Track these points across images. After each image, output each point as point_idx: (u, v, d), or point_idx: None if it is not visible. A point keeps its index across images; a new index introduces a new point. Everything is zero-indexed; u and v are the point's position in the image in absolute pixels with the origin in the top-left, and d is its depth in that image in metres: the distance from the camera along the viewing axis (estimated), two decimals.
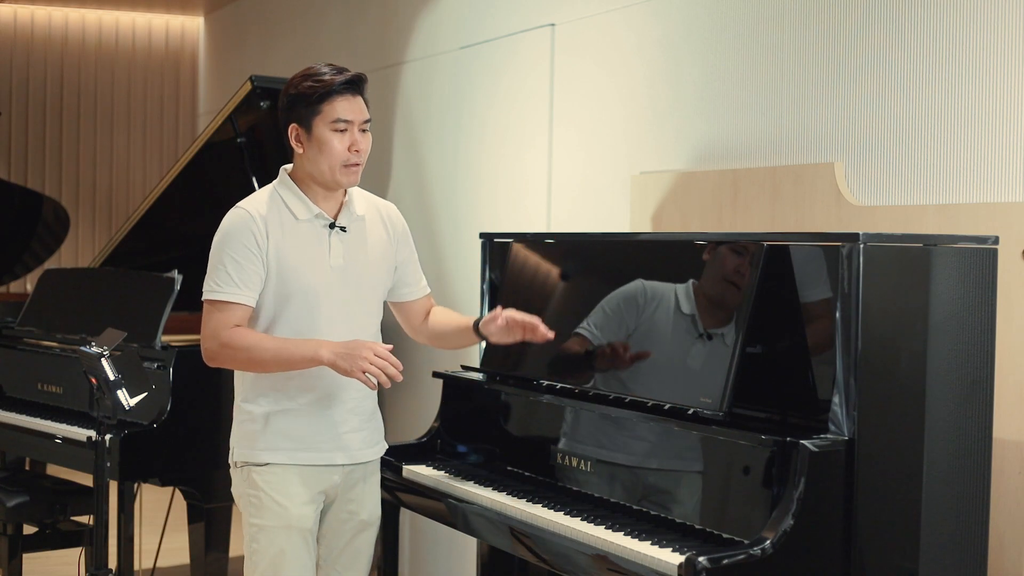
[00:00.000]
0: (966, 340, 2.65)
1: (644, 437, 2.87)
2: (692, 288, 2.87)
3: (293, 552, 2.96)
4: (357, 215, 3.03)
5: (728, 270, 2.80)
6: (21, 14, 8.58)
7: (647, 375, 2.91)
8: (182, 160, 4.85)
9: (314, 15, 6.46)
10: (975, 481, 2.68)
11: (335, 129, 2.91)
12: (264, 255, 2.92)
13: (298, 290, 2.94)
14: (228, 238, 2.94)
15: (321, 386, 2.98)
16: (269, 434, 2.98)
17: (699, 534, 2.65)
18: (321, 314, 2.96)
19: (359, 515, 3.09)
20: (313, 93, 2.91)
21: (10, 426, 4.67)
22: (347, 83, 2.93)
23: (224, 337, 2.90)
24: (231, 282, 2.91)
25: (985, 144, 2.95)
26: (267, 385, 2.99)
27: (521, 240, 3.49)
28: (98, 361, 3.18)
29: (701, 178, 3.69)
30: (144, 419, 4.19)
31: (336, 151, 2.92)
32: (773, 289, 2.69)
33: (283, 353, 2.88)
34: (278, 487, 2.97)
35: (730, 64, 3.68)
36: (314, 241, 2.97)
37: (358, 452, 3.06)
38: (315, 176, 2.96)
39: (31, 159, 8.61)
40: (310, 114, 2.92)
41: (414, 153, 5.32)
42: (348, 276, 2.99)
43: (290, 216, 2.96)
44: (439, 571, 5.02)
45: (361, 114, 2.95)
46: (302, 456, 2.98)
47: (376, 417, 3.14)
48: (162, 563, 5.15)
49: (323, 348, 2.85)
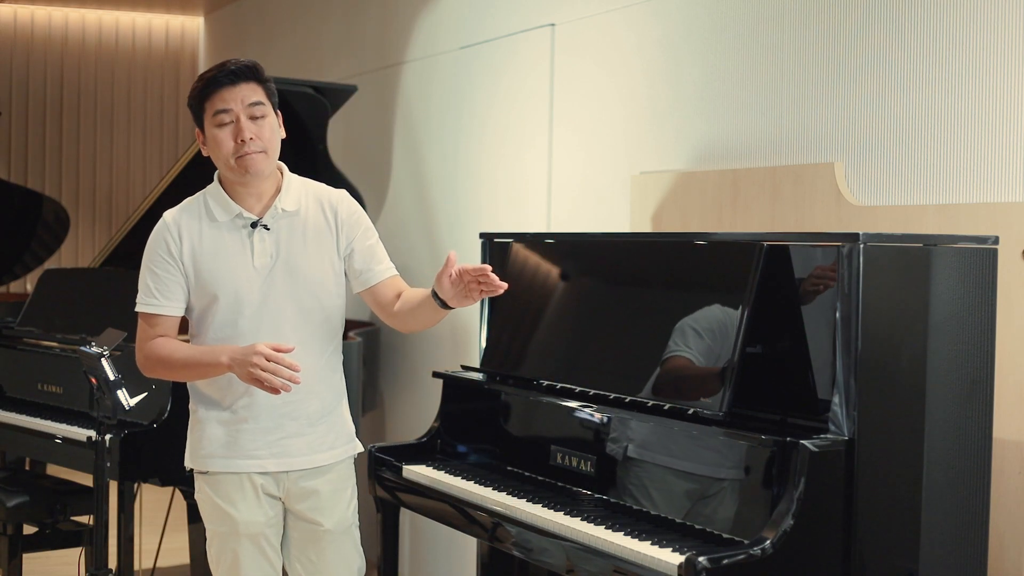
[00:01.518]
0: (966, 340, 2.65)
1: (644, 437, 2.87)
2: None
3: (247, 557, 2.93)
4: (287, 211, 2.92)
5: (728, 271, 2.80)
6: (21, 14, 8.58)
7: (648, 375, 2.91)
8: (182, 160, 4.85)
9: (314, 15, 6.46)
10: (975, 481, 2.68)
11: (218, 124, 2.85)
12: (179, 263, 2.90)
13: (218, 294, 2.89)
14: (148, 249, 2.95)
15: (250, 392, 2.90)
16: (206, 441, 2.95)
17: (699, 534, 2.65)
18: (245, 317, 2.89)
19: (323, 525, 2.97)
20: (195, 93, 2.89)
21: (10, 426, 4.67)
22: (222, 74, 2.86)
23: (146, 349, 2.94)
24: (150, 293, 2.93)
25: (985, 144, 2.95)
26: (204, 393, 2.97)
27: (521, 240, 3.49)
28: (98, 361, 3.18)
29: (701, 178, 3.69)
30: (144, 419, 4.19)
31: (223, 146, 2.86)
32: (773, 289, 2.69)
33: (191, 361, 2.87)
34: (222, 494, 2.93)
35: (730, 64, 3.68)
36: (235, 242, 2.90)
37: (300, 458, 2.93)
38: (224, 176, 2.93)
39: (31, 159, 8.61)
40: (200, 115, 2.90)
41: (414, 153, 5.32)
42: (276, 276, 2.90)
43: (209, 219, 2.92)
44: (439, 571, 5.02)
45: (243, 99, 2.85)
46: (238, 464, 2.92)
47: (329, 420, 2.98)
48: (162, 563, 5.15)
49: (224, 354, 2.80)
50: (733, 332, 2.70)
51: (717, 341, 2.75)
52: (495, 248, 3.56)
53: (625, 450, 2.91)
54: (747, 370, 2.70)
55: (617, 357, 3.05)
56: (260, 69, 2.92)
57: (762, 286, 2.69)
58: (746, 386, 2.71)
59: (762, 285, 2.69)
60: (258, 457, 2.92)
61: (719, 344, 2.74)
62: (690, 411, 2.75)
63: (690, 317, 2.84)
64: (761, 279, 2.69)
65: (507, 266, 3.48)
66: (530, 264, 3.43)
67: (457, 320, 4.73)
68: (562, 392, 3.13)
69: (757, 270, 2.69)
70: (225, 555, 2.94)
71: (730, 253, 2.82)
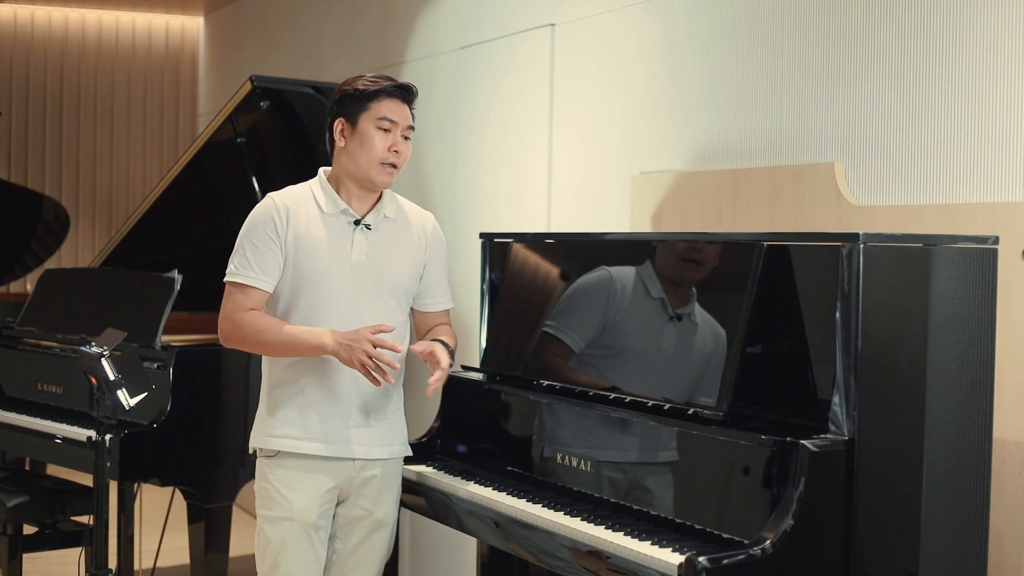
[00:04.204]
0: (966, 340, 2.65)
1: (644, 437, 2.87)
2: (655, 275, 2.88)
3: (295, 543, 3.02)
4: (387, 216, 3.11)
5: (728, 271, 2.81)
6: (21, 14, 8.58)
7: (647, 375, 2.92)
8: (182, 160, 4.85)
9: (314, 15, 6.46)
10: (975, 481, 2.68)
11: (379, 127, 3.02)
12: (282, 242, 3.02)
13: (313, 279, 3.02)
14: (251, 224, 3.06)
15: (331, 378, 3.04)
16: (278, 421, 3.06)
17: (699, 534, 2.65)
18: (333, 306, 3.02)
19: (374, 513, 3.13)
20: (366, 90, 3.03)
21: (10, 426, 4.67)
22: (399, 88, 3.06)
23: (237, 319, 3.01)
24: (248, 266, 3.02)
25: (985, 144, 2.95)
26: (280, 374, 3.08)
27: (521, 240, 3.49)
28: (98, 361, 3.18)
29: (701, 178, 3.69)
30: (144, 419, 4.19)
31: (377, 147, 3.01)
32: (773, 289, 2.69)
33: (290, 339, 2.97)
34: (284, 479, 3.04)
35: (730, 64, 3.68)
36: (337, 234, 3.05)
37: (364, 448, 3.08)
38: (351, 172, 3.05)
39: (31, 159, 8.61)
40: (358, 110, 3.03)
41: (414, 153, 5.31)
42: (367, 273, 3.05)
43: (316, 209, 3.05)
44: (439, 571, 5.02)
45: (406, 119, 3.06)
46: (307, 446, 3.04)
47: (393, 417, 3.17)
48: (162, 563, 5.15)
49: (328, 336, 2.93)
50: (733, 332, 2.70)
51: (717, 341, 2.75)
52: (495, 248, 3.56)
53: (625, 450, 2.91)
54: (747, 370, 2.70)
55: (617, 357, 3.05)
56: (417, 97, 3.12)
57: (762, 286, 2.69)
58: (746, 386, 2.71)
59: (762, 285, 2.69)
60: (328, 441, 3.04)
61: (719, 344, 2.74)
62: (690, 411, 2.75)
63: (690, 317, 2.85)
64: (761, 279, 2.69)
65: (507, 266, 3.48)
66: (530, 264, 3.43)
67: (457, 320, 4.73)
68: (562, 392, 3.13)
69: (757, 270, 2.69)
70: (273, 540, 3.03)
71: (730, 253, 2.82)
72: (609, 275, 3.06)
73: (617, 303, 3.00)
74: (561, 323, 3.15)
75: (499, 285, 3.52)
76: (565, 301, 3.17)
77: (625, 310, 2.98)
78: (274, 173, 4.79)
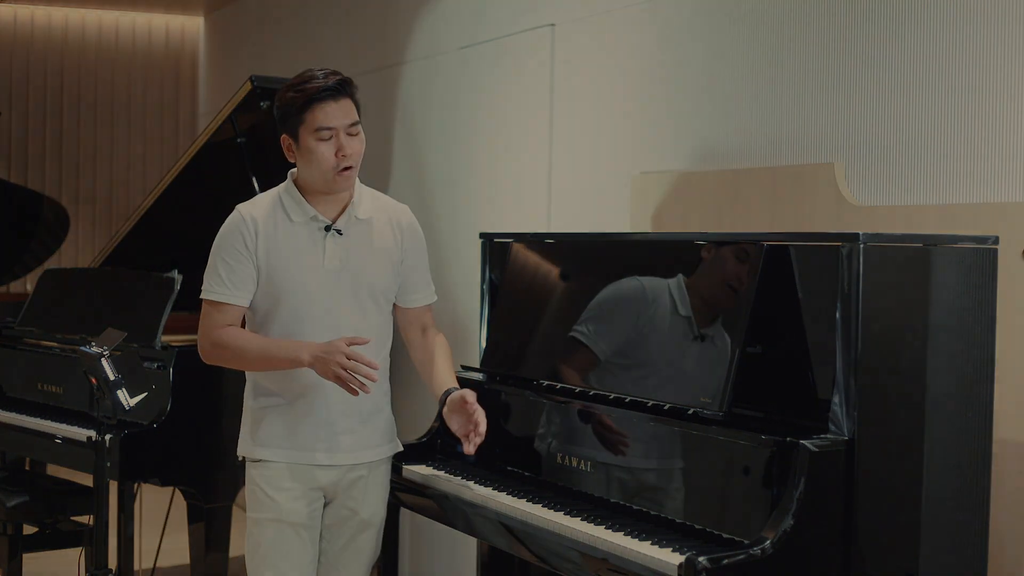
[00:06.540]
0: (966, 340, 2.65)
1: (644, 437, 2.86)
2: (686, 287, 2.86)
3: (284, 544, 3.02)
4: (359, 218, 3.06)
5: (728, 271, 2.80)
6: (21, 14, 8.58)
7: (647, 375, 2.91)
8: (182, 160, 4.85)
9: (314, 15, 6.46)
10: (975, 481, 2.68)
11: (319, 138, 2.94)
12: (253, 256, 2.99)
13: (288, 290, 2.99)
14: (221, 240, 3.03)
15: (312, 386, 3.02)
16: (262, 431, 3.06)
17: (699, 534, 2.65)
18: (310, 315, 3.00)
19: (359, 514, 3.12)
20: (295, 103, 2.94)
21: (10, 426, 4.67)
22: (327, 89, 2.93)
23: (214, 336, 3.00)
24: (221, 282, 3.00)
25: (985, 144, 2.95)
26: (263, 384, 3.07)
27: (521, 240, 3.49)
28: (98, 361, 3.18)
29: (701, 178, 3.69)
30: (144, 419, 4.19)
31: (324, 159, 2.94)
32: (773, 289, 2.69)
33: (266, 353, 2.96)
34: (270, 481, 3.04)
35: (730, 64, 3.68)
36: (308, 243, 3.01)
37: (350, 453, 3.08)
38: (311, 183, 3.01)
39: (31, 159, 8.61)
40: (296, 123, 2.96)
41: (414, 153, 5.32)
42: (342, 279, 3.02)
43: (285, 218, 3.02)
44: (439, 571, 5.02)
45: (345, 117, 2.95)
46: (291, 455, 3.04)
47: (379, 417, 3.15)
48: (162, 563, 5.15)
49: (304, 350, 2.91)
50: (733, 332, 2.70)
51: (717, 341, 2.75)
52: (495, 248, 3.56)
53: (625, 450, 2.91)
54: (747, 370, 2.70)
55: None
56: (354, 84, 3.01)
57: (762, 286, 2.69)
58: (746, 386, 2.71)
59: (762, 285, 2.69)
60: (313, 450, 3.04)
61: (719, 344, 2.74)
62: (690, 411, 2.75)
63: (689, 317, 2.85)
64: (761, 279, 2.69)
65: (507, 266, 3.48)
66: (530, 264, 3.43)
67: (457, 320, 4.73)
68: (562, 392, 3.13)
69: (757, 270, 2.69)
70: (263, 542, 3.03)
71: (730, 253, 2.81)
72: (642, 286, 2.99)
73: (647, 317, 2.95)
74: (591, 330, 3.09)
75: (499, 285, 3.52)
76: (596, 308, 3.10)
77: (652, 325, 2.94)
78: (274, 173, 4.78)
